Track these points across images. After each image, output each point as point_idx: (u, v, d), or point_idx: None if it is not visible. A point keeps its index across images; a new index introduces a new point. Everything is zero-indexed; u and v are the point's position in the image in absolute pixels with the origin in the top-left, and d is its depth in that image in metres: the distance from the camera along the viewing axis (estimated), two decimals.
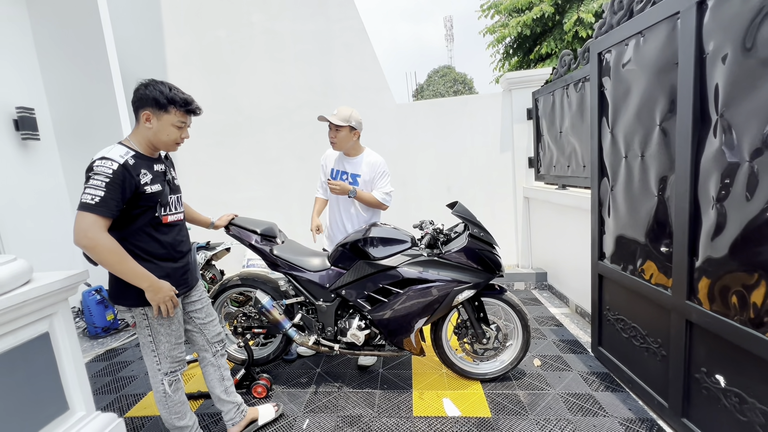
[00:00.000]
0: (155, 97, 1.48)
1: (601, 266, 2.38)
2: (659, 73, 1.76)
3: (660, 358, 1.93)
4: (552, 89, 3.47)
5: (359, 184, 2.46)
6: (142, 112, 1.50)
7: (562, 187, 3.46)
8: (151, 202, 1.52)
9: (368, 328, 2.24)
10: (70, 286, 1.46)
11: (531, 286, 4.03)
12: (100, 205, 1.36)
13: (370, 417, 2.08)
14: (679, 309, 1.73)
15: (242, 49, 4.40)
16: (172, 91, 1.51)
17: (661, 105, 1.76)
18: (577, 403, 2.09)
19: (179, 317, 1.68)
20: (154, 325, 1.60)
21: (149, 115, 1.50)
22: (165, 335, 1.62)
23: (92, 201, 1.35)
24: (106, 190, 1.37)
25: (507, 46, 10.08)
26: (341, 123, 2.34)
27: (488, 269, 2.14)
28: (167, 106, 1.50)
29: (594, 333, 2.54)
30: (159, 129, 1.53)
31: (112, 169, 1.38)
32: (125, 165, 1.42)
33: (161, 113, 1.51)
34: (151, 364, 1.65)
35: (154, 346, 1.62)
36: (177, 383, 1.70)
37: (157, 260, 1.57)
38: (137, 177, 1.46)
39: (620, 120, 2.10)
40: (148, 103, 1.49)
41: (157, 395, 1.68)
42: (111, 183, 1.38)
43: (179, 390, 1.72)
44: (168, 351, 1.64)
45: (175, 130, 1.56)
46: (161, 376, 1.66)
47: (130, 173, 1.43)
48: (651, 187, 1.87)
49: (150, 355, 1.64)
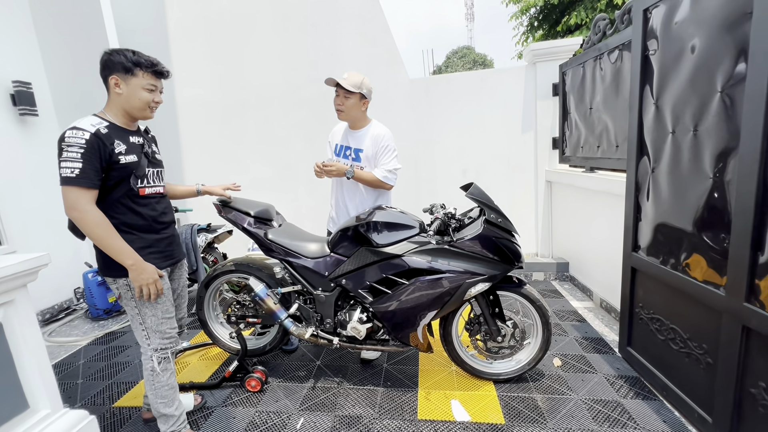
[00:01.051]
0: (120, 62, 1.47)
1: (635, 258, 2.10)
2: (725, 27, 1.44)
3: (704, 365, 1.67)
4: (582, 60, 3.12)
5: (361, 159, 2.22)
6: (110, 78, 1.49)
7: (589, 170, 3.14)
8: (125, 173, 1.50)
9: (370, 321, 2.04)
10: (28, 272, 1.29)
11: (551, 276, 3.75)
12: (81, 177, 1.38)
13: (370, 418, 1.90)
14: (734, 312, 1.46)
15: (247, 20, 4.14)
16: (136, 54, 1.50)
17: (725, 66, 1.45)
18: (602, 412, 1.86)
19: (165, 291, 1.63)
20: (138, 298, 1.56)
21: (117, 80, 1.49)
22: (150, 308, 1.59)
23: (72, 174, 1.37)
24: (83, 161, 1.37)
25: (532, 18, 9.39)
26: (352, 89, 2.10)
27: (506, 260, 1.89)
28: (133, 69, 1.49)
29: (623, 331, 2.28)
30: (129, 93, 1.51)
31: (84, 139, 1.38)
32: (97, 134, 1.41)
33: (129, 77, 1.49)
34: (141, 339, 1.63)
35: (141, 319, 1.60)
36: (166, 362, 1.65)
37: (138, 232, 1.57)
38: (111, 146, 1.45)
39: (668, 89, 1.78)
40: (115, 69, 1.48)
41: (146, 373, 1.64)
42: (86, 153, 1.38)
43: (168, 371, 1.65)
44: (156, 325, 1.60)
45: (146, 93, 1.53)
46: (150, 352, 1.62)
47: (102, 142, 1.42)
48: (705, 168, 1.57)
49: (138, 329, 1.61)
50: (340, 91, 2.14)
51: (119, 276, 1.54)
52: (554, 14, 8.73)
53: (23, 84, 3.31)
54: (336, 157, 2.32)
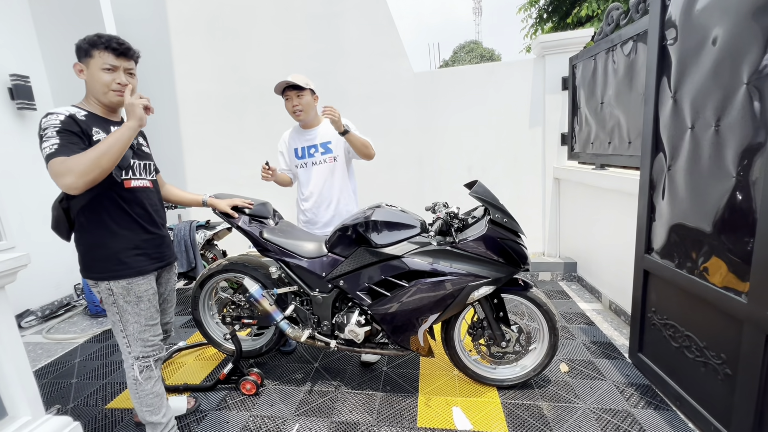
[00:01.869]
0: (80, 46, 1.40)
1: (648, 260, 1.99)
2: (752, 13, 1.33)
3: (722, 376, 1.57)
4: (594, 52, 2.99)
5: (332, 151, 2.23)
6: (75, 65, 1.42)
7: (600, 167, 3.02)
8: None
9: (369, 324, 1.96)
10: (5, 272, 1.23)
11: (558, 277, 3.65)
12: (61, 148, 1.28)
13: (368, 425, 1.83)
14: (757, 321, 1.35)
15: (247, 12, 4.05)
16: (98, 36, 1.40)
17: (753, 56, 1.33)
18: (612, 422, 1.77)
19: (150, 297, 1.54)
20: (119, 303, 1.47)
21: (81, 66, 1.42)
22: (133, 314, 1.50)
23: (52, 150, 1.28)
24: (60, 137, 1.30)
25: (541, 9, 9.17)
26: (303, 85, 2.10)
27: (511, 262, 1.80)
28: (90, 50, 1.39)
29: (634, 337, 2.18)
30: (90, 77, 1.42)
31: (59, 120, 1.32)
32: (72, 116, 1.35)
33: (88, 60, 1.40)
34: (122, 346, 1.55)
35: (122, 326, 1.50)
36: (149, 371, 1.56)
37: (124, 230, 1.48)
38: (90, 132, 1.38)
39: (687, 81, 1.67)
40: (78, 55, 1.42)
41: (129, 381, 1.58)
42: (62, 130, 1.31)
43: (151, 379, 1.57)
44: (137, 333, 1.52)
45: (104, 74, 1.40)
46: (132, 360, 1.54)
47: (78, 125, 1.36)
48: (728, 166, 1.46)
49: (119, 335, 1.53)
50: (290, 93, 2.15)
51: (100, 279, 1.46)
52: (564, 5, 8.49)
53: (21, 78, 3.27)
54: (300, 159, 2.28)
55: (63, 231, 1.51)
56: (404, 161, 4.07)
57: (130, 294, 1.48)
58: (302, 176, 2.30)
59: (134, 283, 1.48)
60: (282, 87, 2.14)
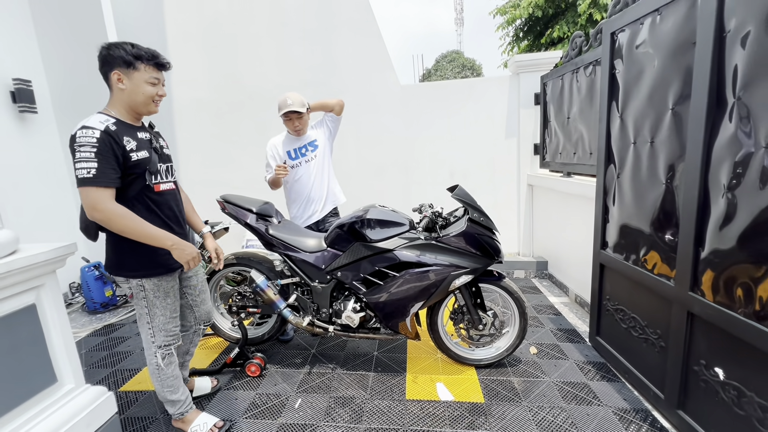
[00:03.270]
0: (121, 56, 1.44)
1: (603, 255, 2.33)
2: (675, 54, 1.67)
3: (658, 349, 1.89)
4: (561, 73, 3.36)
5: (319, 146, 2.61)
6: (112, 73, 1.46)
7: (567, 175, 3.39)
8: (139, 170, 1.50)
9: (363, 311, 2.21)
10: (58, 258, 1.43)
11: (531, 274, 3.99)
12: (99, 177, 1.35)
13: (362, 398, 2.08)
14: (682, 300, 1.68)
15: (243, 24, 4.28)
16: (135, 47, 1.47)
17: (675, 87, 1.68)
18: (571, 392, 2.08)
19: (175, 291, 1.70)
20: (150, 298, 1.62)
21: (119, 74, 1.46)
22: (161, 308, 1.64)
23: (89, 174, 1.34)
24: (98, 160, 1.35)
25: (517, 29, 9.79)
26: (303, 110, 2.44)
27: (487, 255, 2.09)
28: (135, 62, 1.46)
29: (592, 322, 2.51)
30: (132, 88, 1.48)
31: (95, 137, 1.36)
32: (107, 131, 1.40)
33: (131, 71, 1.47)
34: (146, 336, 1.68)
35: (149, 318, 1.64)
36: (170, 357, 1.73)
37: None
38: (122, 143, 1.44)
39: (631, 104, 2.01)
40: (116, 64, 1.45)
41: (151, 367, 1.72)
42: (99, 151, 1.36)
43: (172, 364, 1.74)
44: (162, 324, 1.67)
45: (149, 87, 1.51)
46: (155, 348, 1.69)
47: (114, 139, 1.40)
48: (659, 175, 1.80)
49: (145, 327, 1.67)
50: (292, 116, 2.46)
51: (133, 276, 1.57)
52: (538, 26, 9.12)
53: (23, 82, 3.39)
54: (294, 160, 2.59)
55: (92, 233, 1.59)
56: (392, 168, 4.36)
57: (159, 290, 1.61)
58: (298, 174, 2.59)
59: (164, 280, 1.62)
60: (286, 111, 2.43)
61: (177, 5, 4.31)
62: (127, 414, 2.01)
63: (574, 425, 1.83)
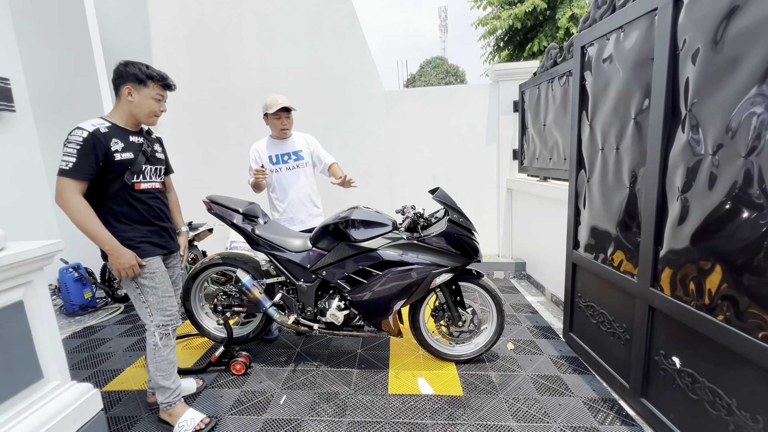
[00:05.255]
0: (135, 74, 1.68)
1: (575, 255, 2.46)
2: (636, 68, 1.82)
3: (624, 342, 2.03)
4: (538, 82, 3.52)
5: (304, 158, 2.67)
6: (124, 87, 1.69)
7: (543, 179, 3.54)
8: (120, 169, 1.67)
9: (348, 309, 2.28)
10: (45, 256, 1.45)
11: (510, 275, 4.13)
12: (74, 170, 1.54)
13: (346, 394, 2.14)
14: (644, 295, 1.82)
15: (230, 27, 4.31)
16: (149, 69, 1.72)
17: (637, 99, 1.82)
18: (545, 384, 2.19)
19: (162, 273, 1.81)
20: (138, 279, 1.73)
21: (131, 89, 1.69)
22: (150, 287, 1.76)
23: (66, 167, 1.54)
24: (77, 156, 1.54)
25: (498, 39, 10.09)
26: (293, 108, 2.54)
27: (466, 254, 2.19)
28: (146, 80, 1.70)
29: (566, 319, 2.64)
30: (140, 102, 1.71)
31: (82, 137, 1.56)
32: (95, 133, 1.59)
33: (141, 87, 1.70)
34: (144, 316, 1.79)
35: (143, 297, 1.75)
36: (167, 338, 1.82)
37: (133, 222, 1.73)
38: (107, 144, 1.62)
39: (599, 113, 2.16)
40: (129, 79, 1.68)
41: (148, 347, 1.81)
42: (81, 149, 1.55)
43: (168, 346, 1.83)
44: (157, 303, 1.77)
45: (154, 103, 1.75)
46: (153, 327, 1.79)
47: (99, 140, 1.59)
48: (624, 179, 1.94)
49: (141, 307, 1.78)
50: (282, 114, 2.54)
51: None
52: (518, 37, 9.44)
53: (2, 80, 3.33)
54: (275, 165, 2.64)
55: None
56: (376, 171, 4.45)
57: (145, 270, 1.73)
58: (277, 180, 2.64)
59: (147, 262, 1.74)
60: (279, 107, 2.48)
61: (162, 6, 4.31)
62: (111, 413, 2.02)
63: (546, 415, 1.94)
